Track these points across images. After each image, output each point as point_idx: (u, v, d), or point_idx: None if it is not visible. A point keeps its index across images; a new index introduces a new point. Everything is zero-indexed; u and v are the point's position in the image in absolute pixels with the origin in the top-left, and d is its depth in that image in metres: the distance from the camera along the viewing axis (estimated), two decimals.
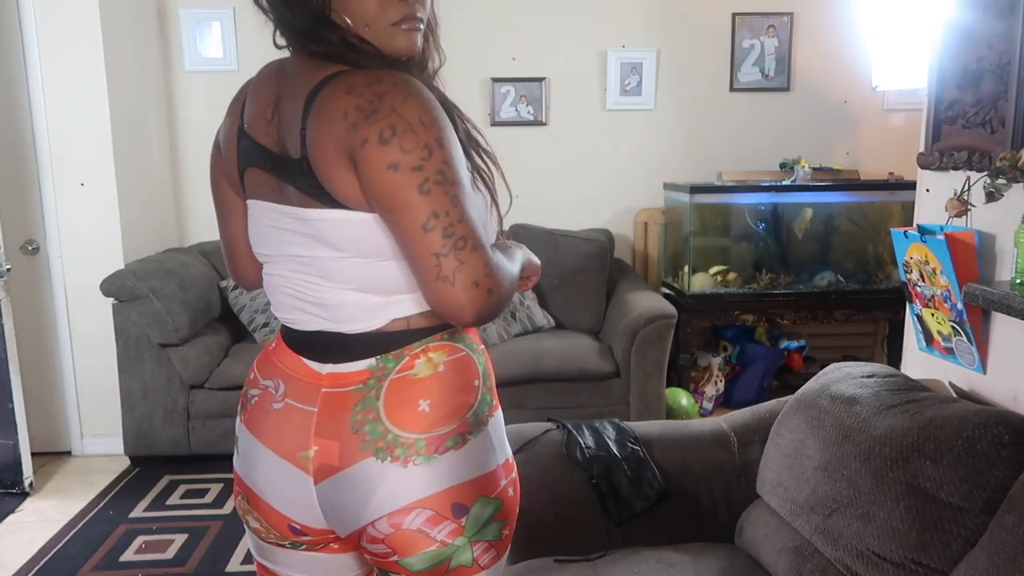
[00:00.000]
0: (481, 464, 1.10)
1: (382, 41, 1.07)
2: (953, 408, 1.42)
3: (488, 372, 1.16)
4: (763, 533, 1.69)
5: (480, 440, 1.10)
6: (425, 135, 0.98)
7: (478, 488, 1.09)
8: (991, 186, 1.52)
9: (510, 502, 1.14)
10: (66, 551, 2.67)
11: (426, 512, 1.06)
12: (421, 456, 1.06)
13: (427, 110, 0.99)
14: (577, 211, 4.08)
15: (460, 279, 0.96)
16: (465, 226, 0.97)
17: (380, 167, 0.97)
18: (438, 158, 0.98)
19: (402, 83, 1.01)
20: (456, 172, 0.99)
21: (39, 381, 3.41)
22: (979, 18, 1.65)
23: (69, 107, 3.29)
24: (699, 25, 4.01)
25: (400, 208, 0.98)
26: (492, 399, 1.15)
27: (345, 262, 1.07)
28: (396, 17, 1.06)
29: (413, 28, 1.08)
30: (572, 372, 3.27)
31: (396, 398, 1.07)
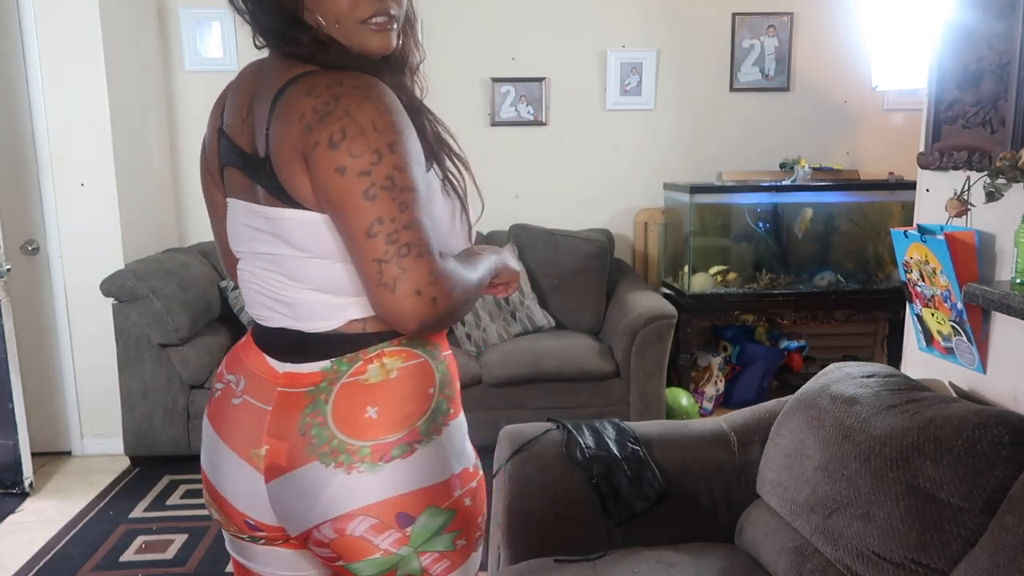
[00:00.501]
0: (430, 474, 1.08)
1: (354, 39, 1.07)
2: (953, 408, 1.42)
3: (448, 380, 1.14)
4: (763, 533, 1.69)
5: (431, 449, 1.08)
6: (376, 140, 0.97)
7: (426, 498, 1.07)
8: (991, 186, 1.52)
9: (466, 512, 1.12)
10: (66, 551, 2.67)
11: (369, 520, 1.05)
12: (366, 463, 1.04)
13: (382, 114, 0.98)
14: (577, 211, 4.08)
15: (401, 286, 0.96)
16: (411, 233, 0.96)
17: (328, 170, 0.97)
18: (388, 163, 0.97)
19: (362, 86, 1.00)
20: (408, 178, 0.98)
21: (39, 381, 3.41)
22: (979, 18, 1.65)
23: (69, 107, 3.29)
24: (699, 25, 4.01)
25: (346, 212, 0.97)
26: (449, 407, 1.13)
27: (306, 261, 1.07)
28: (367, 14, 1.06)
29: (385, 26, 1.08)
30: (572, 372, 3.27)
31: (344, 403, 1.06)
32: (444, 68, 3.98)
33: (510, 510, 1.80)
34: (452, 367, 1.17)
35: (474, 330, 3.55)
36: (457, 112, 4.00)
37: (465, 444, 1.16)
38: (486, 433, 3.10)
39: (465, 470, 1.13)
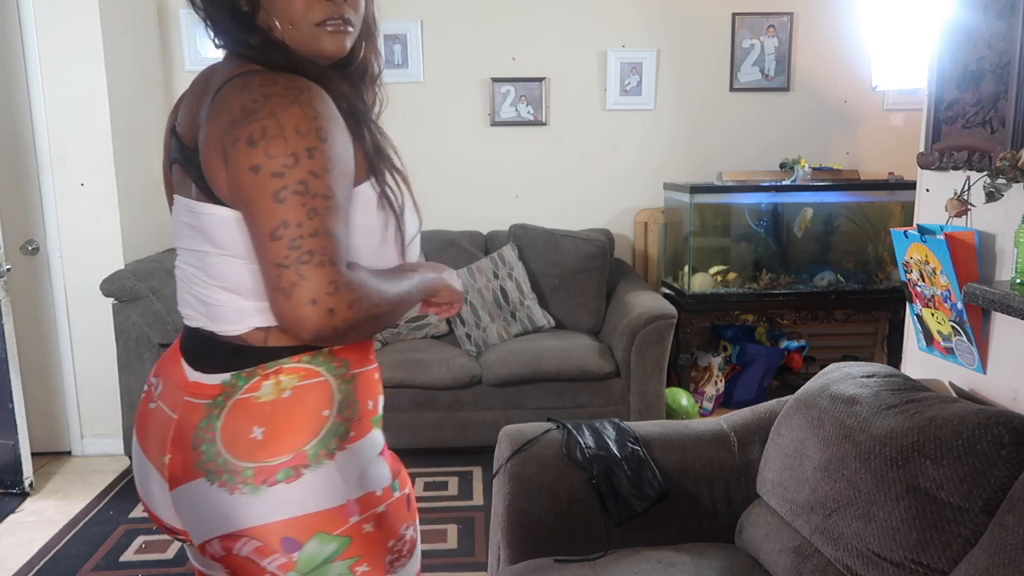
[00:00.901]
0: (319, 500, 1.03)
1: (308, 42, 1.06)
2: (953, 408, 1.42)
3: (351, 401, 1.09)
4: (763, 533, 1.69)
5: (320, 474, 1.04)
6: (296, 143, 0.95)
7: (314, 524, 1.03)
8: (991, 186, 1.52)
9: (367, 540, 1.07)
10: (66, 551, 2.67)
11: (254, 542, 1.03)
12: (248, 485, 1.02)
13: (308, 118, 0.96)
14: (577, 211, 4.08)
15: (297, 293, 0.93)
16: (316, 240, 0.94)
17: (243, 167, 0.96)
18: (304, 168, 0.95)
19: (294, 88, 0.99)
20: (324, 185, 0.95)
21: (39, 381, 3.41)
22: (979, 18, 1.65)
23: (69, 107, 3.29)
24: (699, 25, 4.01)
25: (254, 211, 0.96)
26: (350, 430, 1.07)
27: (221, 259, 1.06)
28: (320, 17, 1.05)
29: (339, 29, 1.07)
30: (572, 372, 3.27)
31: (233, 421, 1.04)
32: (444, 68, 3.98)
33: (510, 510, 1.80)
34: (364, 387, 1.12)
35: (474, 330, 3.55)
36: (457, 112, 4.00)
37: (371, 467, 1.10)
38: (486, 433, 3.14)
39: (369, 495, 1.08)
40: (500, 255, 3.70)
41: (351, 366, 1.10)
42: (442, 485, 3.09)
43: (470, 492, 3.05)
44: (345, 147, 1.01)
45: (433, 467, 3.19)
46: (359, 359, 1.11)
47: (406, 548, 1.14)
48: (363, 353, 1.13)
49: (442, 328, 3.65)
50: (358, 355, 1.11)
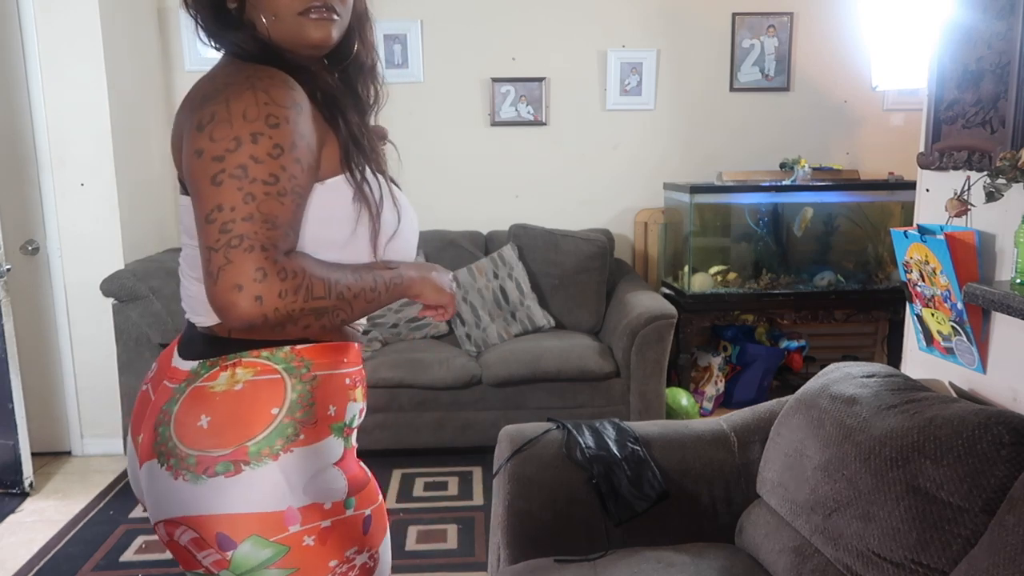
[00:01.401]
0: (257, 501, 1.00)
1: (293, 33, 1.06)
2: (953, 408, 1.42)
3: (307, 403, 1.04)
4: (763, 533, 1.69)
5: (261, 475, 1.00)
6: (241, 128, 0.94)
7: (250, 525, 0.99)
8: (991, 186, 1.52)
9: (305, 554, 1.01)
10: (66, 551, 2.67)
11: (191, 532, 1.02)
12: (191, 473, 1.01)
13: (259, 104, 0.95)
14: (577, 211, 4.08)
15: (223, 278, 0.91)
16: (248, 225, 0.92)
17: (190, 152, 0.97)
18: (245, 153, 0.93)
19: (254, 76, 0.99)
20: (266, 170, 0.94)
21: (39, 381, 3.41)
22: (979, 18, 1.65)
23: (69, 107, 3.29)
24: (699, 25, 4.01)
25: (194, 195, 0.96)
26: (299, 433, 1.02)
27: (193, 250, 1.05)
28: (302, 5, 1.05)
29: (323, 17, 1.06)
30: (572, 372, 3.27)
31: (186, 407, 1.04)
32: (444, 68, 3.98)
33: (510, 510, 1.80)
34: (326, 390, 1.07)
35: (474, 330, 3.55)
36: (457, 112, 4.00)
37: (323, 478, 1.04)
38: (486, 433, 3.13)
39: (315, 506, 1.02)
40: (500, 255, 3.70)
41: (314, 368, 1.06)
42: (442, 485, 3.09)
43: (470, 492, 3.05)
44: (303, 136, 0.99)
45: (433, 467, 3.19)
46: (326, 361, 1.07)
47: (351, 573, 1.06)
48: (333, 355, 1.09)
49: (442, 328, 3.65)
50: (326, 357, 1.07)
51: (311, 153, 1.00)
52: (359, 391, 1.14)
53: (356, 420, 1.13)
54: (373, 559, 1.10)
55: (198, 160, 0.95)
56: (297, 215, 0.98)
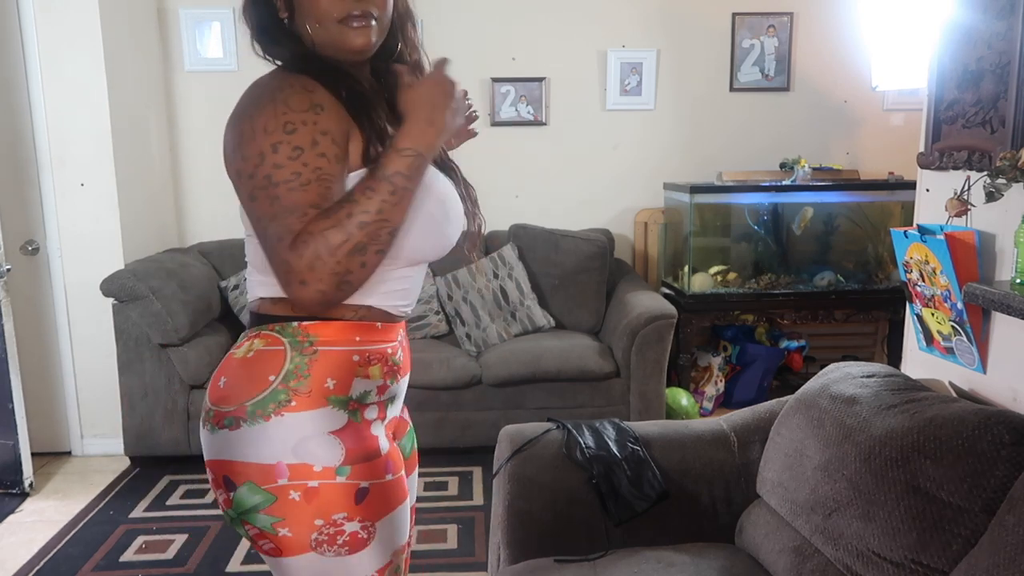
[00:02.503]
0: (252, 453, 1.13)
1: (335, 39, 1.15)
2: (953, 408, 1.42)
3: (302, 373, 1.13)
4: (763, 533, 1.69)
5: (256, 431, 1.12)
6: (263, 142, 1.05)
7: (246, 473, 1.13)
8: (991, 186, 1.52)
9: (291, 507, 1.12)
10: (66, 551, 2.67)
11: (210, 473, 1.19)
12: (208, 424, 1.17)
13: (277, 115, 1.06)
14: (577, 211, 4.08)
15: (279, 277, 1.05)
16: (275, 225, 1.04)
17: (230, 170, 1.10)
18: (269, 163, 1.04)
19: (278, 88, 1.09)
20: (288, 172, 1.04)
21: (39, 381, 3.41)
22: (979, 18, 1.65)
23: (69, 107, 3.29)
24: (699, 25, 4.01)
25: (245, 209, 1.11)
26: (291, 399, 1.13)
27: (247, 238, 1.21)
28: (342, 13, 1.13)
29: (362, 24, 1.15)
30: (572, 372, 3.27)
31: (218, 371, 1.20)
32: None
33: (510, 510, 1.80)
34: (326, 364, 1.14)
35: (474, 330, 3.55)
36: None
37: (314, 443, 1.13)
38: (486, 433, 3.13)
39: (304, 466, 1.12)
40: (500, 255, 3.70)
41: (317, 343, 1.15)
42: (442, 485, 3.09)
43: (470, 492, 3.05)
44: (327, 132, 1.07)
45: (433, 467, 3.19)
46: (332, 338, 1.16)
47: (339, 538, 1.14)
48: (343, 333, 1.16)
49: (442, 328, 3.65)
50: (333, 334, 1.16)
51: (336, 145, 1.08)
52: (376, 368, 1.20)
53: (372, 397, 1.19)
54: (368, 531, 1.16)
55: (237, 180, 1.09)
56: (327, 195, 1.05)
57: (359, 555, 1.15)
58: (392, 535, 1.19)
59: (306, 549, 1.14)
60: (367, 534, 1.15)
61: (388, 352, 1.22)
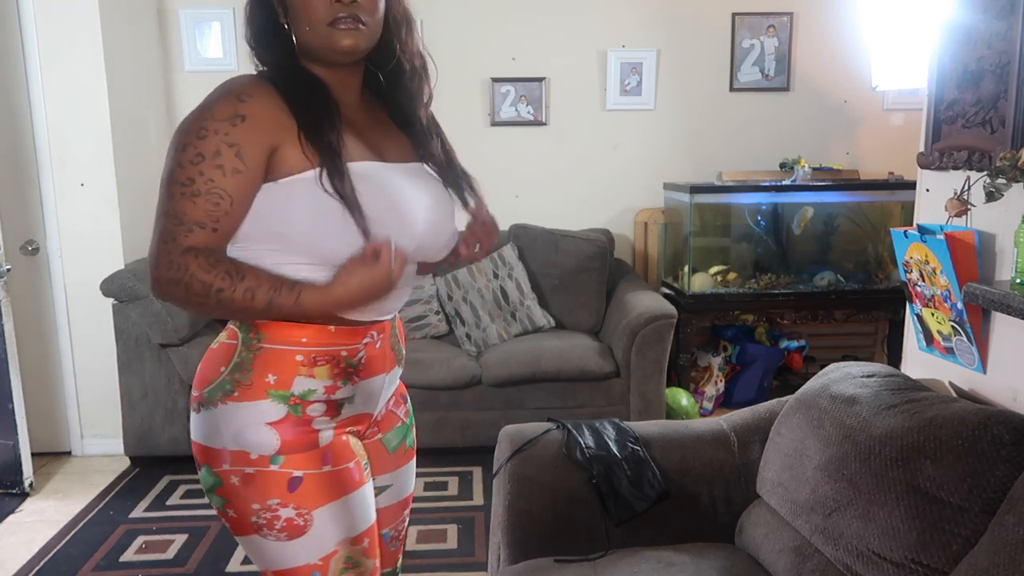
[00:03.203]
0: (206, 436, 1.23)
1: (324, 42, 1.20)
2: (953, 408, 1.42)
3: (246, 367, 1.20)
4: (763, 533, 1.69)
5: (207, 417, 1.22)
6: (179, 139, 1.14)
7: (203, 455, 1.23)
8: (991, 186, 1.52)
9: (233, 490, 1.21)
10: (66, 551, 2.67)
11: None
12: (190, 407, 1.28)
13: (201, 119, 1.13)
14: (577, 211, 4.08)
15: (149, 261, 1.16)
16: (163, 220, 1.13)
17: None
18: (174, 159, 1.13)
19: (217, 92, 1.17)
20: (186, 174, 1.11)
21: (39, 381, 3.41)
22: (979, 18, 1.65)
23: (69, 107, 3.28)
24: (699, 25, 4.01)
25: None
26: (234, 390, 1.20)
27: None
28: (330, 16, 1.18)
29: (350, 27, 1.19)
30: (572, 372, 3.27)
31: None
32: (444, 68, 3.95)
33: (510, 510, 1.80)
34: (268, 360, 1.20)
35: (474, 330, 3.55)
36: (457, 112, 4.00)
37: (250, 430, 1.19)
38: (486, 433, 3.13)
39: (242, 453, 1.20)
40: (500, 255, 3.70)
41: (263, 340, 1.21)
42: (442, 485, 3.09)
43: (470, 492, 3.05)
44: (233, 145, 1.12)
45: (433, 467, 3.19)
46: (279, 337, 1.20)
47: (276, 523, 1.20)
48: (289, 332, 1.20)
49: (442, 328, 3.65)
50: (280, 333, 1.20)
51: (240, 159, 1.12)
52: (323, 369, 1.22)
53: (317, 395, 1.22)
54: (304, 519, 1.21)
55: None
56: (213, 214, 1.13)
57: (299, 541, 1.21)
58: (334, 525, 1.22)
59: (250, 531, 1.22)
60: (303, 522, 1.20)
61: (343, 355, 1.23)
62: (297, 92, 1.18)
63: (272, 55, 1.23)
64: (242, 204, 1.14)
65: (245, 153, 1.13)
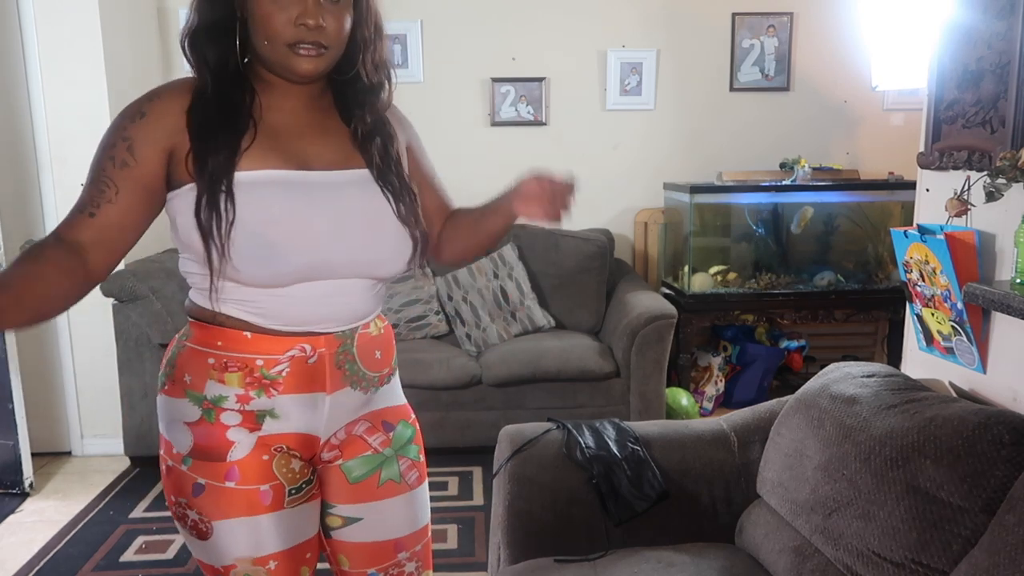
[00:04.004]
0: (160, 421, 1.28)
1: (281, 60, 1.16)
2: (953, 408, 1.42)
3: (172, 363, 1.24)
4: (763, 533, 1.69)
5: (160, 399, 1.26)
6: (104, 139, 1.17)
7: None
8: (991, 186, 1.52)
9: (163, 476, 1.25)
10: (66, 551, 2.67)
11: None
12: None
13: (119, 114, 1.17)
14: (577, 211, 4.04)
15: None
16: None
17: None
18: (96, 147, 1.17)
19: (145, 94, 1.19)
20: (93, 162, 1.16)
21: (39, 381, 3.41)
22: (979, 18, 1.65)
23: (69, 107, 3.28)
24: (699, 25, 4.01)
25: None
26: (165, 384, 1.25)
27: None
28: (291, 39, 1.14)
29: (310, 54, 1.15)
30: (572, 372, 3.27)
31: None
32: (444, 68, 3.98)
33: (510, 510, 1.80)
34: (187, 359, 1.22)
35: (474, 330, 3.55)
36: (457, 112, 4.00)
37: (174, 427, 1.22)
38: (486, 433, 3.13)
39: (168, 444, 1.24)
40: (500, 255, 3.70)
41: (188, 339, 1.24)
42: (442, 485, 3.09)
43: (470, 492, 3.05)
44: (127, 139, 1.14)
45: (433, 467, 3.14)
46: (199, 338, 1.22)
47: (187, 520, 1.22)
48: (206, 336, 1.21)
49: (442, 328, 3.65)
50: (200, 335, 1.23)
51: (130, 153, 1.14)
52: (234, 376, 1.18)
53: (229, 403, 1.19)
54: (206, 524, 1.20)
55: None
56: (96, 199, 1.14)
57: (203, 544, 1.22)
58: (232, 540, 1.19)
59: (175, 518, 1.25)
60: (205, 528, 1.21)
61: (257, 364, 1.18)
62: (206, 107, 1.16)
63: (211, 53, 1.17)
64: (128, 196, 1.14)
65: (137, 149, 1.14)
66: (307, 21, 1.12)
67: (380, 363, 1.32)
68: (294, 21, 1.12)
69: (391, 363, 1.36)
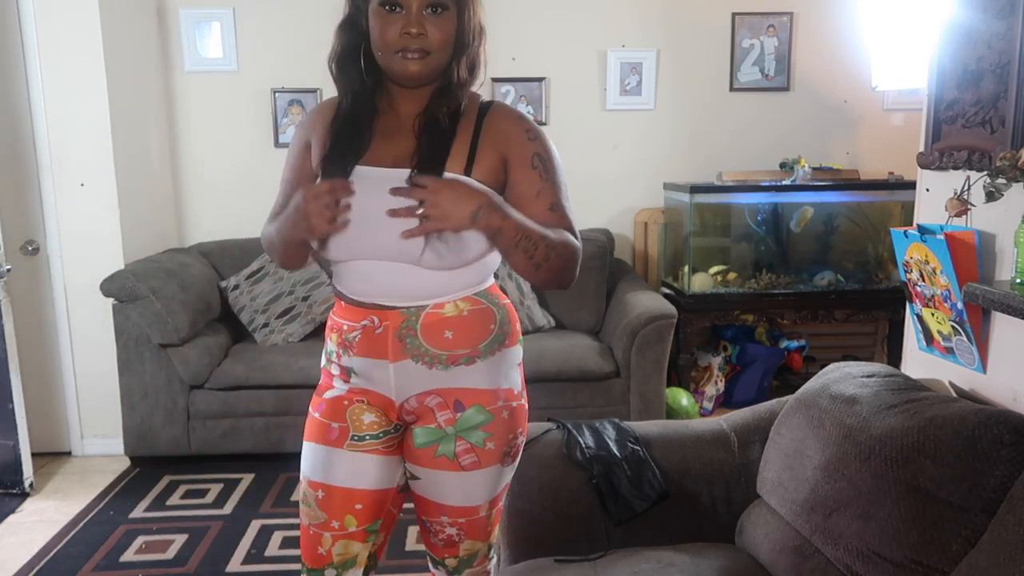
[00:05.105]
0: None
1: (392, 66, 1.37)
2: (953, 408, 1.42)
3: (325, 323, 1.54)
4: (763, 533, 1.69)
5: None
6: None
7: None
8: (991, 186, 1.52)
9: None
10: (66, 552, 2.67)
11: None
12: None
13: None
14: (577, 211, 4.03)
15: None
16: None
17: None
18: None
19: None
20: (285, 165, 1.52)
21: (39, 381, 3.41)
22: (979, 18, 1.65)
23: (69, 107, 3.28)
24: (699, 25, 4.01)
25: None
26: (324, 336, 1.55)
27: None
28: (396, 47, 1.35)
29: (412, 58, 1.35)
30: (572, 372, 3.27)
31: None
32: None
33: (510, 510, 1.80)
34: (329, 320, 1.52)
35: None
36: None
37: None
38: None
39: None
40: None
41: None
42: None
43: None
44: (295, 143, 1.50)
45: None
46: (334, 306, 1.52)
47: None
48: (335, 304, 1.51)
49: None
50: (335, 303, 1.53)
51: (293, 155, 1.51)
52: (333, 336, 1.47)
53: (332, 356, 1.48)
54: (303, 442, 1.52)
55: None
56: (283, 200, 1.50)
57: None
58: (304, 458, 1.48)
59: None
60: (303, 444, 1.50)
61: (344, 328, 1.44)
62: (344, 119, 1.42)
63: (346, 76, 1.42)
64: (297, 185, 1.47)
65: (296, 151, 1.50)
66: (410, 30, 1.32)
67: (451, 343, 1.41)
68: (400, 32, 1.33)
69: (473, 346, 1.42)
